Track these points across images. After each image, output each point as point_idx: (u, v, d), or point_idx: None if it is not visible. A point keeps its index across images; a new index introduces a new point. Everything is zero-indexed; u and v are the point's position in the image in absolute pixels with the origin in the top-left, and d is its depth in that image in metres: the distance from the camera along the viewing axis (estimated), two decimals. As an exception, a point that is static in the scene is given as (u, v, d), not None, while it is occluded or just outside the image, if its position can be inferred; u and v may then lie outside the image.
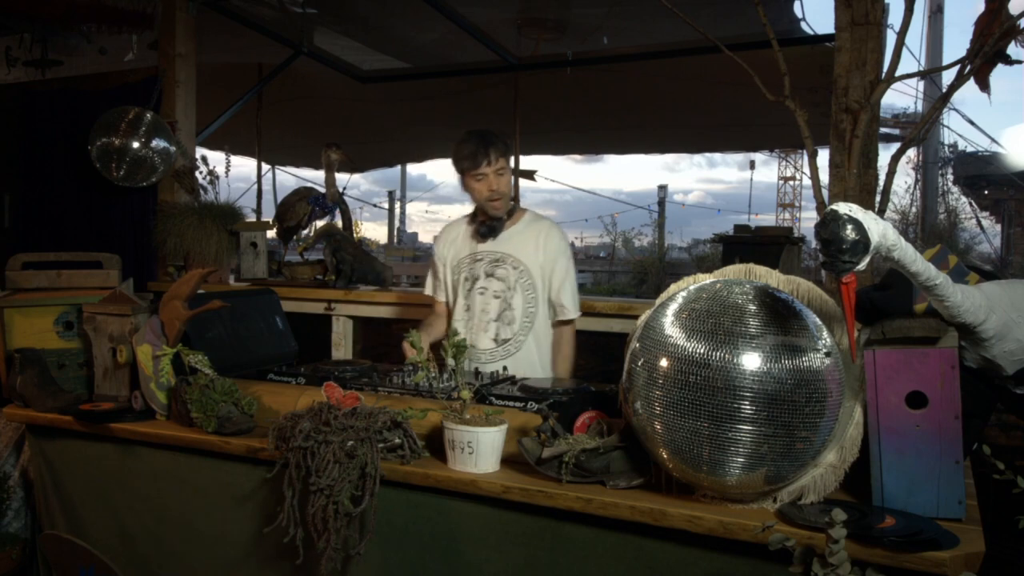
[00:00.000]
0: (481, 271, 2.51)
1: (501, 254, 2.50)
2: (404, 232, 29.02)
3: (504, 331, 2.48)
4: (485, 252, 2.52)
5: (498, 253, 2.51)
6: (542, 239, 2.49)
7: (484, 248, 2.52)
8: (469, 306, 2.52)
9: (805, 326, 1.41)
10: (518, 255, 2.49)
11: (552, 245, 2.49)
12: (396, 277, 4.87)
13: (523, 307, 2.48)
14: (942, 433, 1.40)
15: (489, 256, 2.52)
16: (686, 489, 1.51)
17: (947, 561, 1.26)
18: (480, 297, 2.50)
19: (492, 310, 2.49)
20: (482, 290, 2.50)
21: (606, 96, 5.98)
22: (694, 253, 18.27)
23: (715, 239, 3.94)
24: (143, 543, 2.10)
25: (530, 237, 2.50)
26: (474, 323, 2.51)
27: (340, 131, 6.59)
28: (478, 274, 2.51)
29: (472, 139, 2.42)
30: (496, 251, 2.51)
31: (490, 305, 2.49)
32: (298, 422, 1.68)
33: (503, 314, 2.48)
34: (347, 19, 4.90)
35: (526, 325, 2.48)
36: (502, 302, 2.49)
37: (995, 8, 2.31)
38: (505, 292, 2.48)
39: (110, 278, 2.55)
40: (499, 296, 2.49)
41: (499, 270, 2.49)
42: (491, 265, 2.51)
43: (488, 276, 2.50)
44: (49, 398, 2.23)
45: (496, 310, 2.49)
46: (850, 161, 2.51)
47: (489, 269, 2.50)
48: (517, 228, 2.53)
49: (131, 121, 3.75)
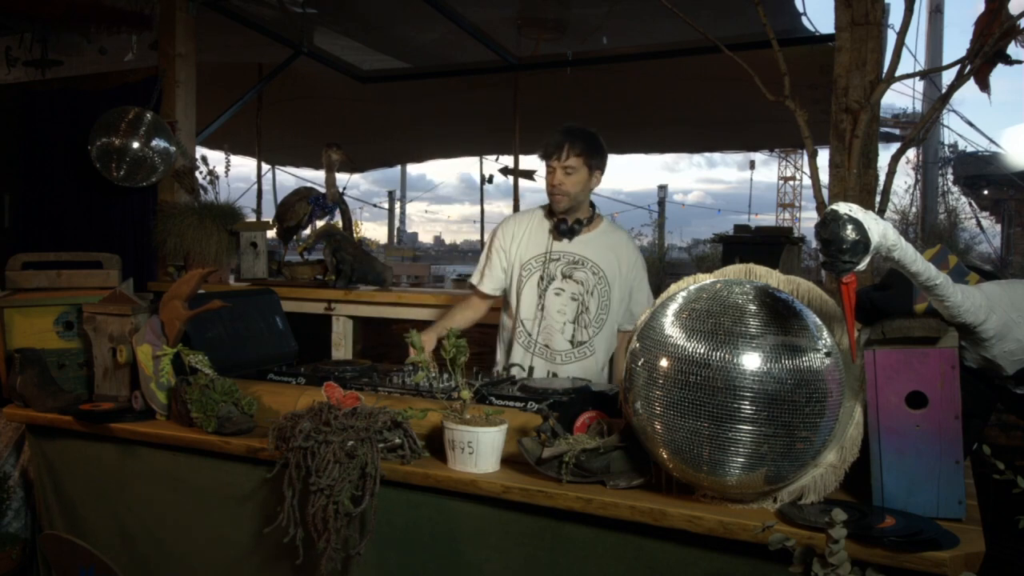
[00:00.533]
0: (558, 272, 2.50)
1: (580, 257, 2.50)
2: (404, 232, 29.03)
3: (580, 333, 2.49)
4: (561, 252, 2.52)
5: (576, 255, 2.51)
6: (622, 249, 2.55)
7: (560, 248, 2.52)
8: (543, 306, 2.50)
9: (805, 326, 1.41)
10: (597, 260, 2.50)
11: (633, 256, 2.56)
12: (396, 277, 4.87)
13: (596, 312, 2.49)
14: (942, 433, 1.40)
15: (567, 257, 2.51)
16: (686, 489, 1.51)
17: (947, 561, 1.25)
18: (556, 298, 2.50)
19: (569, 312, 2.49)
20: (558, 291, 2.50)
21: (606, 96, 5.98)
22: (694, 253, 18.26)
23: (715, 239, 3.94)
24: (143, 543, 2.10)
25: (609, 245, 2.53)
26: (548, 323, 2.50)
27: (340, 131, 6.59)
28: (555, 274, 2.51)
29: (559, 131, 2.46)
30: (574, 253, 2.51)
31: (567, 307, 2.49)
32: (298, 422, 1.68)
33: (580, 317, 2.49)
34: (347, 19, 4.90)
35: (596, 330, 2.50)
36: (579, 305, 2.49)
37: (995, 8, 2.31)
38: (583, 295, 2.49)
39: (110, 278, 2.55)
40: (576, 299, 2.49)
41: (577, 272, 2.49)
42: (569, 267, 2.50)
43: (565, 277, 2.50)
44: (49, 398, 2.23)
45: (573, 312, 2.49)
46: (850, 161, 2.51)
47: (567, 270, 2.50)
48: (594, 234, 2.54)
49: (131, 121, 3.75)
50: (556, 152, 2.42)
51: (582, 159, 2.43)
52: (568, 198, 2.46)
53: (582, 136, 2.45)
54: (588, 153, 2.44)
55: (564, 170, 2.43)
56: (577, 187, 2.45)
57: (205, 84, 4.17)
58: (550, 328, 2.49)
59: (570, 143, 2.42)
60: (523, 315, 2.53)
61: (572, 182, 2.44)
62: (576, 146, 2.42)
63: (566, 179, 2.43)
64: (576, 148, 2.42)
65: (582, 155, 2.43)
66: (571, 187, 2.45)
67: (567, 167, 2.42)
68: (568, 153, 2.41)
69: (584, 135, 2.46)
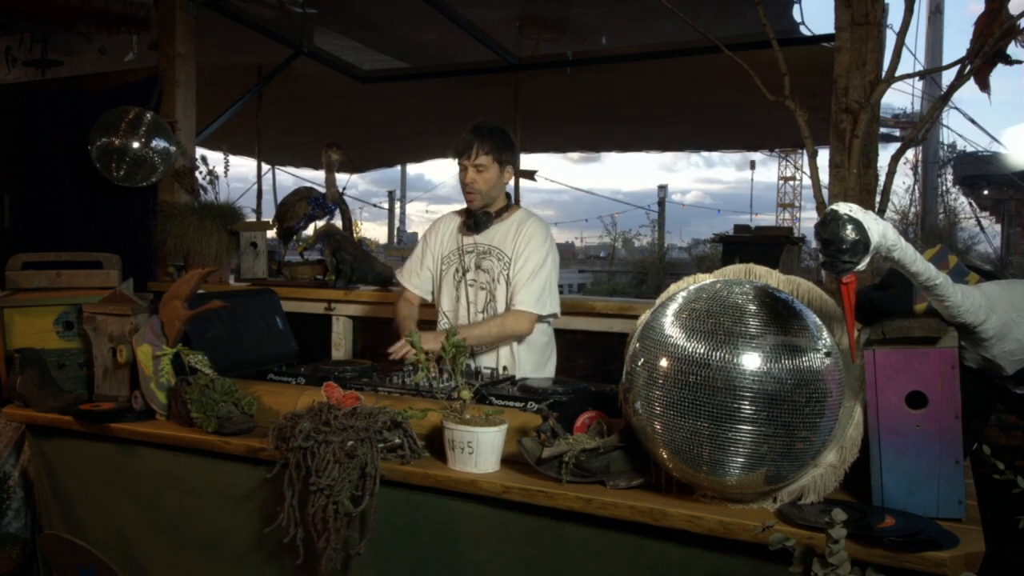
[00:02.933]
0: (472, 263, 2.54)
1: (487, 246, 2.54)
2: (404, 232, 29.01)
3: None
4: (472, 244, 2.55)
5: (484, 245, 2.54)
6: (523, 230, 2.52)
7: (470, 240, 2.56)
8: (459, 297, 2.55)
9: (805, 326, 1.41)
10: (502, 247, 2.52)
11: (532, 231, 2.49)
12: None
13: (506, 298, 2.50)
14: (942, 433, 1.40)
15: (477, 248, 2.55)
16: (686, 489, 1.51)
17: (947, 561, 1.26)
18: (470, 289, 2.53)
19: (480, 301, 2.53)
20: (471, 282, 2.54)
21: (606, 96, 5.98)
22: (694, 253, 18.29)
23: (715, 239, 3.94)
24: (143, 543, 2.10)
25: (515, 231, 2.53)
26: (463, 314, 2.53)
27: (340, 131, 6.59)
28: (468, 266, 2.55)
29: (468, 131, 2.48)
30: (484, 243, 2.54)
31: (478, 296, 2.53)
32: (298, 422, 1.68)
33: (488, 305, 2.51)
34: (347, 19, 4.90)
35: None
36: (487, 293, 2.51)
37: (995, 8, 2.31)
38: (490, 284, 2.51)
39: (110, 278, 2.55)
40: (484, 288, 2.52)
41: (485, 262, 2.53)
42: (479, 257, 2.54)
43: (477, 268, 2.54)
44: (49, 398, 2.23)
45: (483, 301, 2.52)
46: (850, 161, 2.51)
47: (477, 261, 2.54)
48: (505, 224, 2.56)
49: (131, 121, 3.74)
50: (466, 151, 2.46)
51: (491, 156, 2.46)
52: (480, 195, 2.50)
53: (490, 134, 2.48)
54: (497, 150, 2.47)
55: (475, 168, 2.47)
56: (488, 184, 2.49)
57: (205, 84, 4.17)
58: (464, 319, 2.53)
59: (479, 141, 2.45)
60: (444, 307, 2.59)
61: (483, 179, 2.48)
62: (485, 144, 2.45)
63: (478, 177, 2.47)
64: (485, 146, 2.45)
65: (491, 152, 2.46)
66: (482, 184, 2.48)
67: (478, 165, 2.46)
68: (477, 152, 2.45)
69: (492, 132, 2.49)
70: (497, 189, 2.54)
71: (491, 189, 2.51)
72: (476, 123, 2.51)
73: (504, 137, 2.52)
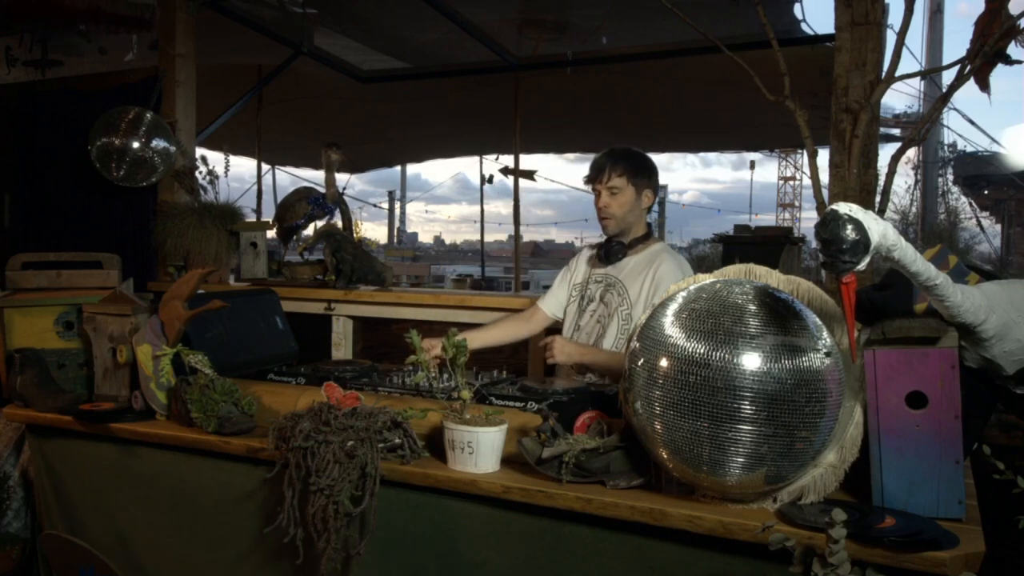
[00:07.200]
0: (597, 293, 2.47)
1: (615, 279, 2.44)
2: (404, 232, 29.02)
3: None
4: (602, 275, 2.48)
5: (612, 278, 2.44)
6: (655, 267, 2.36)
7: (600, 272, 2.48)
8: (579, 326, 2.48)
9: (805, 326, 1.41)
10: (627, 282, 2.40)
11: (656, 275, 2.34)
12: (396, 277, 4.87)
13: (615, 336, 2.38)
14: (942, 433, 1.40)
15: (606, 280, 2.46)
16: (686, 489, 1.51)
17: (947, 561, 1.26)
18: (590, 318, 2.46)
19: (593, 333, 2.44)
20: (592, 312, 2.46)
21: (606, 96, 5.98)
22: (694, 253, 18.27)
23: (715, 239, 3.95)
24: (143, 543, 2.10)
25: (644, 268, 2.39)
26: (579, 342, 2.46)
27: (340, 131, 6.60)
28: (593, 296, 2.47)
29: (602, 153, 2.40)
30: (612, 275, 2.45)
31: (593, 328, 2.45)
32: (298, 422, 1.68)
33: (599, 340, 2.40)
34: (347, 19, 4.90)
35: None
36: (600, 327, 2.42)
37: (995, 8, 2.31)
38: (605, 318, 2.42)
39: (110, 278, 2.55)
40: (600, 321, 2.43)
41: (608, 295, 2.43)
42: (604, 288, 2.45)
43: (600, 300, 2.45)
44: (49, 398, 2.23)
45: (596, 334, 2.43)
46: (850, 161, 2.51)
47: (602, 292, 2.45)
48: (638, 256, 2.43)
49: (131, 121, 3.74)
50: (599, 174, 2.36)
51: (625, 178, 2.35)
52: (615, 220, 2.39)
53: (624, 155, 2.38)
54: (632, 171, 2.36)
55: (608, 191, 2.37)
56: (624, 208, 2.38)
57: (205, 84, 4.17)
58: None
59: (611, 163, 2.35)
60: (565, 332, 2.53)
61: (618, 203, 2.37)
62: (618, 166, 2.35)
63: (611, 200, 2.37)
64: (618, 168, 2.35)
65: (625, 174, 2.35)
66: (617, 209, 2.37)
67: (611, 188, 2.36)
68: (610, 174, 2.35)
69: (627, 154, 2.39)
70: (634, 215, 2.41)
71: (627, 214, 2.39)
72: (610, 147, 2.41)
73: (640, 159, 2.40)
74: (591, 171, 2.40)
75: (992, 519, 1.57)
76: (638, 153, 2.43)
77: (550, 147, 8.27)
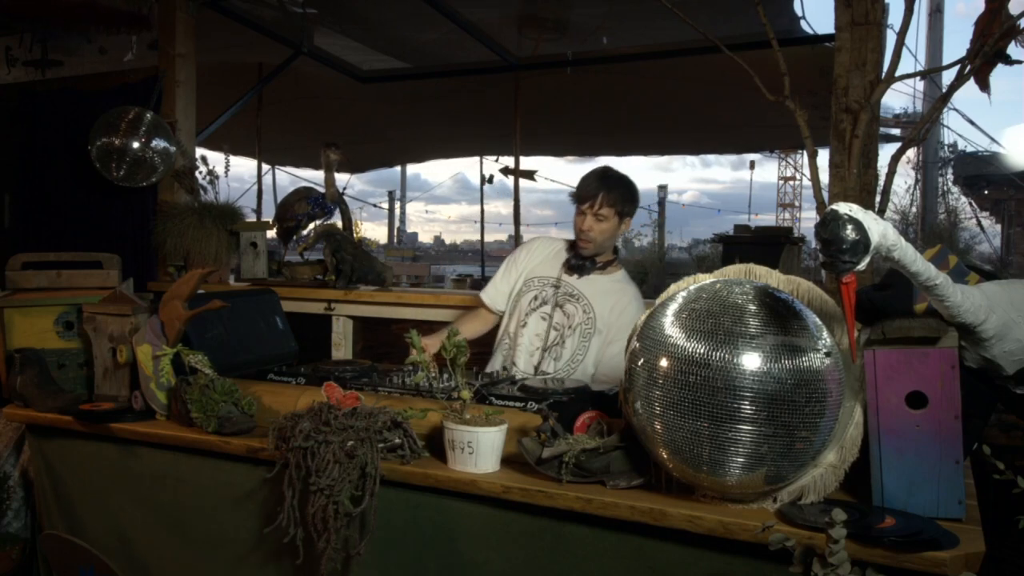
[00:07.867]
0: (553, 298, 2.47)
1: (579, 292, 2.46)
2: (404, 232, 29.02)
3: (547, 363, 2.44)
4: (565, 283, 2.49)
5: (577, 290, 2.47)
6: (627, 305, 2.45)
7: (566, 279, 2.49)
8: (525, 323, 2.48)
9: (805, 326, 1.41)
10: (593, 301, 2.45)
11: (624, 306, 2.44)
12: (396, 277, 4.87)
13: (572, 352, 2.44)
14: (942, 433, 1.40)
15: (567, 288, 2.48)
16: (686, 489, 1.51)
17: (947, 561, 1.26)
18: (540, 322, 2.47)
19: (545, 339, 2.45)
20: (544, 315, 2.47)
21: (606, 96, 5.99)
22: (694, 253, 18.27)
23: (715, 239, 3.95)
24: (143, 543, 2.10)
25: (614, 293, 2.46)
26: (522, 341, 2.47)
27: (340, 131, 6.60)
28: (548, 299, 2.48)
29: (595, 176, 2.42)
30: (575, 287, 2.47)
31: (545, 333, 2.45)
32: (298, 422, 1.68)
33: (553, 348, 2.43)
34: (347, 19, 4.90)
35: (568, 369, 2.43)
36: (558, 336, 2.44)
37: (995, 8, 2.31)
38: (564, 328, 2.44)
39: (110, 278, 2.55)
40: (558, 329, 2.44)
41: (568, 305, 2.45)
42: (564, 297, 2.46)
43: (557, 306, 2.46)
44: (49, 398, 2.23)
45: (549, 340, 2.44)
46: (850, 161, 2.50)
47: (561, 300, 2.46)
48: (606, 279, 2.49)
49: (131, 121, 3.74)
50: (590, 199, 2.39)
51: (614, 209, 2.40)
52: (594, 244, 2.44)
53: (618, 184, 2.41)
54: (622, 202, 2.41)
55: (595, 217, 2.40)
56: (605, 235, 2.43)
57: (205, 84, 4.17)
58: (522, 347, 2.47)
59: (605, 192, 2.37)
60: (510, 327, 2.54)
61: (600, 229, 2.41)
62: (611, 195, 2.38)
63: (596, 225, 2.40)
64: (611, 197, 2.38)
65: (615, 205, 2.39)
66: (598, 235, 2.42)
67: (599, 215, 2.39)
68: (603, 202, 2.38)
69: (620, 183, 2.42)
70: (611, 241, 2.48)
71: (606, 240, 2.45)
72: (603, 170, 2.44)
73: (631, 190, 2.44)
74: (582, 192, 2.41)
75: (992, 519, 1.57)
76: (629, 182, 2.46)
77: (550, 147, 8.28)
